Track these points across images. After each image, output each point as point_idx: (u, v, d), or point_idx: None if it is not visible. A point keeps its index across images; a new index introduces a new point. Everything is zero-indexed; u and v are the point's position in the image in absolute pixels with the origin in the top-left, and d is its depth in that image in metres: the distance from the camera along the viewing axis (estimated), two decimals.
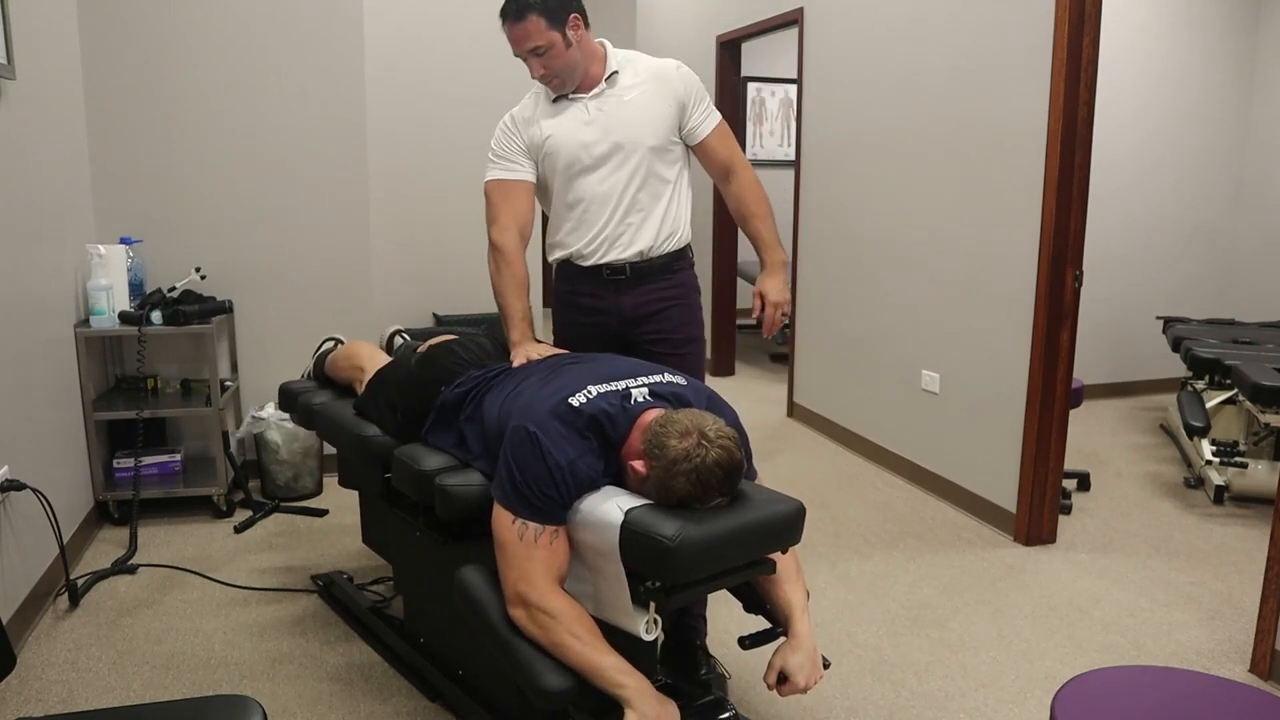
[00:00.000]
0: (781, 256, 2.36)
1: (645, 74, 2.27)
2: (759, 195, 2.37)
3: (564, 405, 1.73)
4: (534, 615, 1.66)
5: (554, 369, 1.94)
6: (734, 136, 2.39)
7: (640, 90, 2.25)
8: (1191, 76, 5.19)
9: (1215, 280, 5.51)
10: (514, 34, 2.15)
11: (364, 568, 2.99)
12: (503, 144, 2.29)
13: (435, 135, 3.94)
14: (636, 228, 2.28)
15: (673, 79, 2.28)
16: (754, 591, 1.91)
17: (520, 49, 2.17)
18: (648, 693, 1.60)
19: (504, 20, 2.17)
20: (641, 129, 2.24)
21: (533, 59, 2.17)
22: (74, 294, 3.16)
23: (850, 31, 4.18)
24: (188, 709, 1.51)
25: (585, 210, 2.28)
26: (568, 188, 2.28)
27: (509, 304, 2.23)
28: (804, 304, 4.78)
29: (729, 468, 1.64)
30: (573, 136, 2.24)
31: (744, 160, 2.38)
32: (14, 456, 2.52)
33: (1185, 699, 1.47)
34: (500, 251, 2.24)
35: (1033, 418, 3.21)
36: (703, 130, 2.31)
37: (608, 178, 2.25)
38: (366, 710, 2.22)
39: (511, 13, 2.14)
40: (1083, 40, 2.97)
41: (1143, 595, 2.87)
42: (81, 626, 2.60)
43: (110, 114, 3.40)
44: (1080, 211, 3.08)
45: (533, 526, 1.68)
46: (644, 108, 2.25)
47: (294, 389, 2.77)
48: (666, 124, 2.27)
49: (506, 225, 2.25)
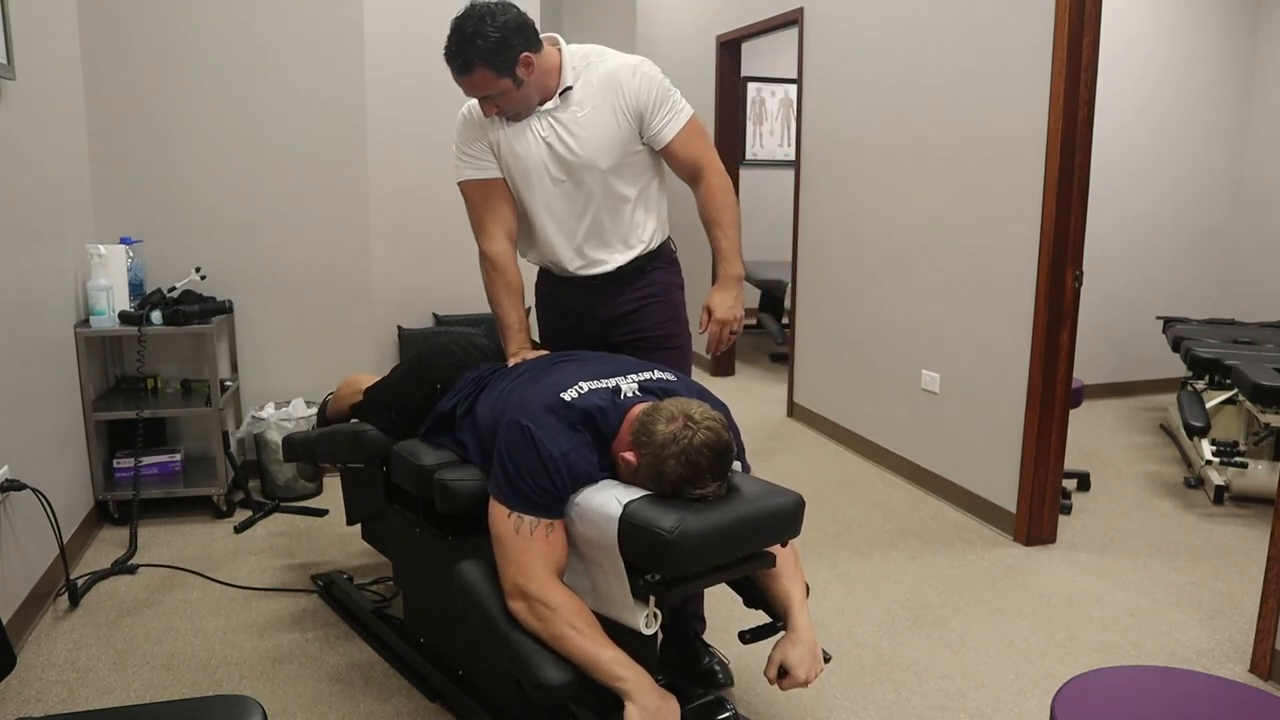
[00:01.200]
0: (737, 271, 2.21)
1: (597, 84, 2.11)
2: (724, 202, 2.21)
3: (556, 399, 1.74)
4: (534, 608, 1.66)
5: (545, 367, 1.95)
6: (705, 135, 2.23)
7: (591, 107, 2.11)
8: (1192, 76, 5.19)
9: (1215, 280, 5.51)
10: (461, 83, 2.05)
11: (364, 567, 2.99)
12: (467, 139, 2.18)
13: (435, 135, 3.94)
14: (599, 248, 2.22)
15: (626, 87, 2.11)
16: (753, 586, 1.91)
17: (473, 95, 2.08)
18: (648, 686, 1.60)
19: (449, 64, 2.03)
20: (594, 152, 2.11)
21: (483, 103, 2.08)
22: (74, 294, 3.16)
23: (850, 31, 4.18)
24: (188, 709, 1.51)
25: (544, 230, 2.20)
26: (525, 201, 2.19)
27: (504, 314, 2.19)
28: (804, 304, 4.78)
29: (717, 448, 1.65)
30: (529, 152, 2.13)
31: (714, 163, 2.22)
32: (14, 456, 2.52)
33: (1185, 699, 1.47)
34: (491, 261, 2.18)
35: (1033, 417, 3.21)
36: (666, 134, 2.15)
37: (562, 200, 2.17)
38: (366, 710, 2.22)
39: (457, 65, 2.02)
40: (1083, 40, 2.97)
41: (1143, 595, 2.87)
42: (81, 626, 2.60)
43: (110, 114, 3.40)
44: (1080, 211, 3.08)
45: (529, 520, 1.69)
46: (596, 127, 2.11)
47: (292, 435, 2.83)
48: (621, 141, 2.13)
49: (494, 233, 2.18)
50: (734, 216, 2.23)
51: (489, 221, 2.19)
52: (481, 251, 2.20)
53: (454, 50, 2.00)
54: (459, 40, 1.99)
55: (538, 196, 2.17)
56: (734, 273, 2.21)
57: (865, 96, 4.09)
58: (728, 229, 2.21)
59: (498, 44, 1.97)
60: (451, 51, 2.01)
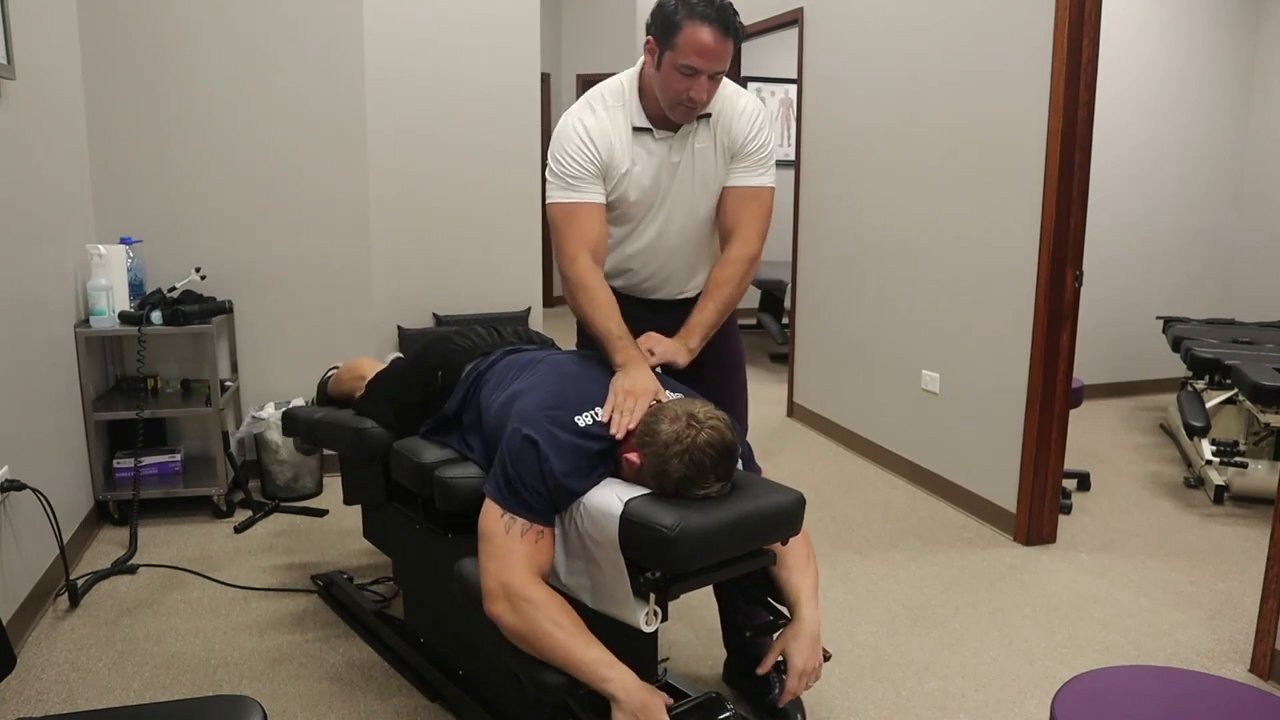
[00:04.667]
0: (693, 345, 2.07)
1: (718, 120, 2.05)
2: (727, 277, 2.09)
3: (571, 423, 1.74)
4: (515, 604, 1.64)
5: (562, 374, 1.92)
6: (764, 208, 2.11)
7: (710, 144, 2.06)
8: (1192, 76, 5.19)
9: (1215, 280, 5.51)
10: (714, 48, 1.86)
11: (364, 567, 2.99)
12: (575, 161, 2.01)
13: (435, 135, 3.95)
14: (688, 276, 2.21)
15: (741, 128, 2.06)
16: (761, 580, 1.90)
17: (709, 67, 1.88)
18: (633, 686, 1.59)
19: (704, 24, 1.85)
20: (703, 194, 2.08)
21: (708, 83, 1.91)
22: (74, 294, 3.16)
23: (850, 31, 4.18)
24: (188, 709, 1.51)
25: (631, 259, 2.17)
26: (620, 224, 2.14)
27: (600, 329, 1.98)
28: (804, 304, 4.78)
29: (721, 447, 1.65)
30: (652, 180, 2.05)
31: (753, 235, 2.10)
32: (14, 456, 2.52)
33: (1185, 699, 1.47)
34: (571, 281, 2.03)
35: (1033, 418, 3.21)
36: (731, 179, 2.09)
37: (660, 234, 2.12)
38: (366, 710, 2.22)
39: (727, 25, 1.86)
40: (1083, 40, 2.97)
41: (1143, 595, 2.87)
42: (81, 626, 2.60)
43: (110, 114, 3.40)
44: (1080, 211, 3.08)
45: (520, 522, 1.69)
46: (710, 170, 2.06)
47: (294, 411, 2.80)
48: (720, 179, 2.10)
49: (574, 255, 2.02)
50: (729, 294, 2.11)
51: (569, 241, 2.03)
52: (562, 274, 2.05)
53: (718, 11, 1.86)
54: (721, 4, 1.87)
55: (636, 220, 2.11)
56: (690, 346, 2.07)
57: (865, 96, 4.09)
58: (716, 308, 2.10)
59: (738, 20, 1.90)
60: (714, 12, 1.86)
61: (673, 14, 1.88)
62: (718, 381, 2.20)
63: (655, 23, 1.93)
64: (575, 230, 2.02)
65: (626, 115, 2.03)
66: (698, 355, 2.10)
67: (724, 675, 2.36)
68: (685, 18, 1.86)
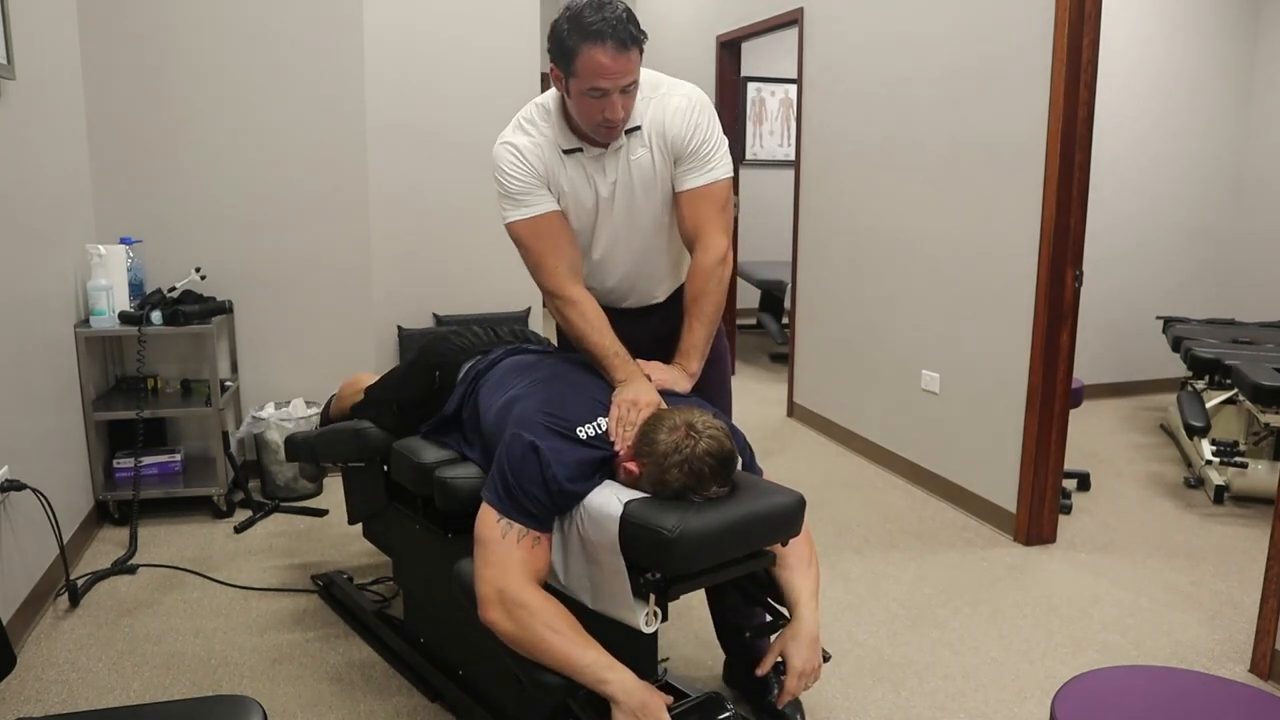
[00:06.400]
0: (693, 369, 2.01)
1: (650, 126, 1.96)
2: (702, 288, 2.00)
3: (572, 433, 1.74)
4: (511, 611, 1.64)
5: (563, 381, 1.92)
6: (720, 204, 2.01)
7: (646, 151, 1.98)
8: (1191, 76, 5.19)
9: (1215, 280, 5.51)
10: (615, 66, 1.77)
11: (364, 567, 2.99)
12: (518, 177, 1.95)
13: (436, 135, 3.94)
14: (653, 285, 2.19)
15: (670, 128, 1.96)
16: (761, 581, 1.90)
17: (616, 84, 1.80)
18: (633, 686, 1.59)
19: (598, 45, 1.75)
20: (648, 205, 2.02)
21: (621, 98, 1.82)
22: (74, 294, 3.16)
23: (850, 31, 4.18)
24: (188, 709, 1.51)
25: (589, 276, 2.12)
26: (580, 243, 2.09)
27: (593, 345, 1.94)
28: (804, 304, 4.78)
29: (720, 456, 1.65)
30: (592, 201, 2.00)
31: (713, 237, 2.00)
32: (14, 456, 2.52)
33: (1185, 699, 1.47)
34: (556, 296, 1.98)
35: (1033, 418, 3.21)
36: (681, 184, 2.00)
37: (610, 250, 2.08)
38: (366, 710, 2.22)
39: (623, 39, 1.76)
40: (1083, 40, 2.97)
41: (1143, 595, 2.87)
42: (81, 626, 2.60)
43: (110, 114, 3.40)
44: (1080, 211, 3.08)
45: (517, 527, 1.68)
46: (651, 179, 1.99)
47: (294, 435, 2.83)
48: (670, 189, 2.03)
49: (553, 268, 1.97)
50: (712, 307, 2.02)
51: (546, 256, 1.97)
52: (546, 291, 2.00)
53: (612, 27, 1.75)
54: (614, 17, 1.76)
55: (598, 239, 2.07)
56: (690, 370, 2.01)
57: (865, 96, 4.09)
58: (705, 319, 2.02)
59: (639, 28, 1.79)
60: (609, 27, 1.75)
61: (565, 39, 1.79)
62: (700, 378, 2.17)
63: (552, 50, 1.84)
64: (543, 244, 1.98)
65: (554, 139, 1.96)
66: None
67: (724, 675, 2.36)
68: (580, 41, 1.76)
